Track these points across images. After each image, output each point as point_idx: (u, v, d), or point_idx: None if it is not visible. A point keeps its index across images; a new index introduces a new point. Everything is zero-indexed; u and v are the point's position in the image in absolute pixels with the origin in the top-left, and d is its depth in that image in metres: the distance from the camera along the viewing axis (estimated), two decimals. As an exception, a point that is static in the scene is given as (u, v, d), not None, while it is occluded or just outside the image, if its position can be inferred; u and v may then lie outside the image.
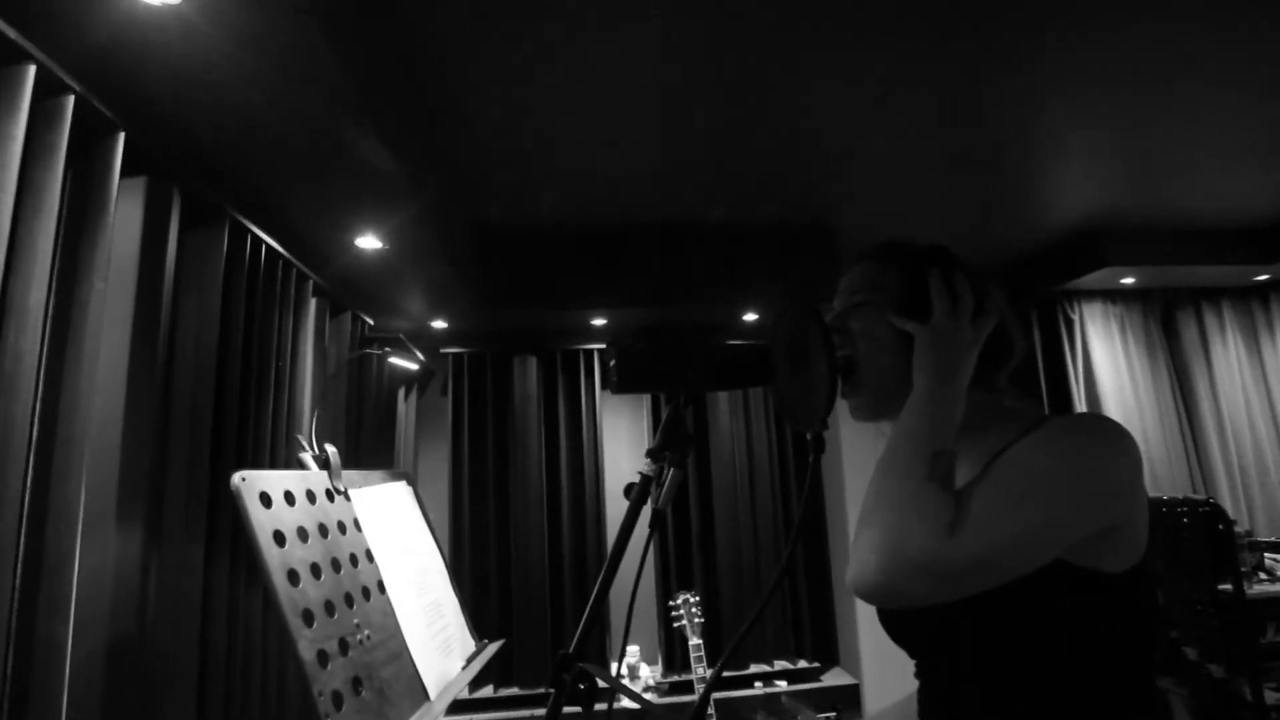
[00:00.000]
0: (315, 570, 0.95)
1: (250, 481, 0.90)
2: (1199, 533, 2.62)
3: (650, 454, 0.78)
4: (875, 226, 2.73)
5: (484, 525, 2.99)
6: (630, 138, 2.01)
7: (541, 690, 2.82)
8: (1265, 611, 2.70)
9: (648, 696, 2.76)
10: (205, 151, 1.37)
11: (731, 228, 2.70)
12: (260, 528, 0.88)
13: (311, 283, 1.99)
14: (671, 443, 0.78)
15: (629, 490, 0.77)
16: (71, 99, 1.06)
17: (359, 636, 0.98)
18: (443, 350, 3.11)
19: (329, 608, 0.94)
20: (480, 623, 2.87)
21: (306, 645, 0.85)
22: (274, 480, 0.96)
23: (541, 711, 0.63)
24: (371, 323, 2.58)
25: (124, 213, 1.25)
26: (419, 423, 3.10)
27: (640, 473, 0.78)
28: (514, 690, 2.84)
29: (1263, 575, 2.81)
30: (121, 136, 1.17)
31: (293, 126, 1.30)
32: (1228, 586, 2.54)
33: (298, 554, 0.92)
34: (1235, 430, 3.23)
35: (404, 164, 1.53)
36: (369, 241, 1.90)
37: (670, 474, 0.78)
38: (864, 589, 0.64)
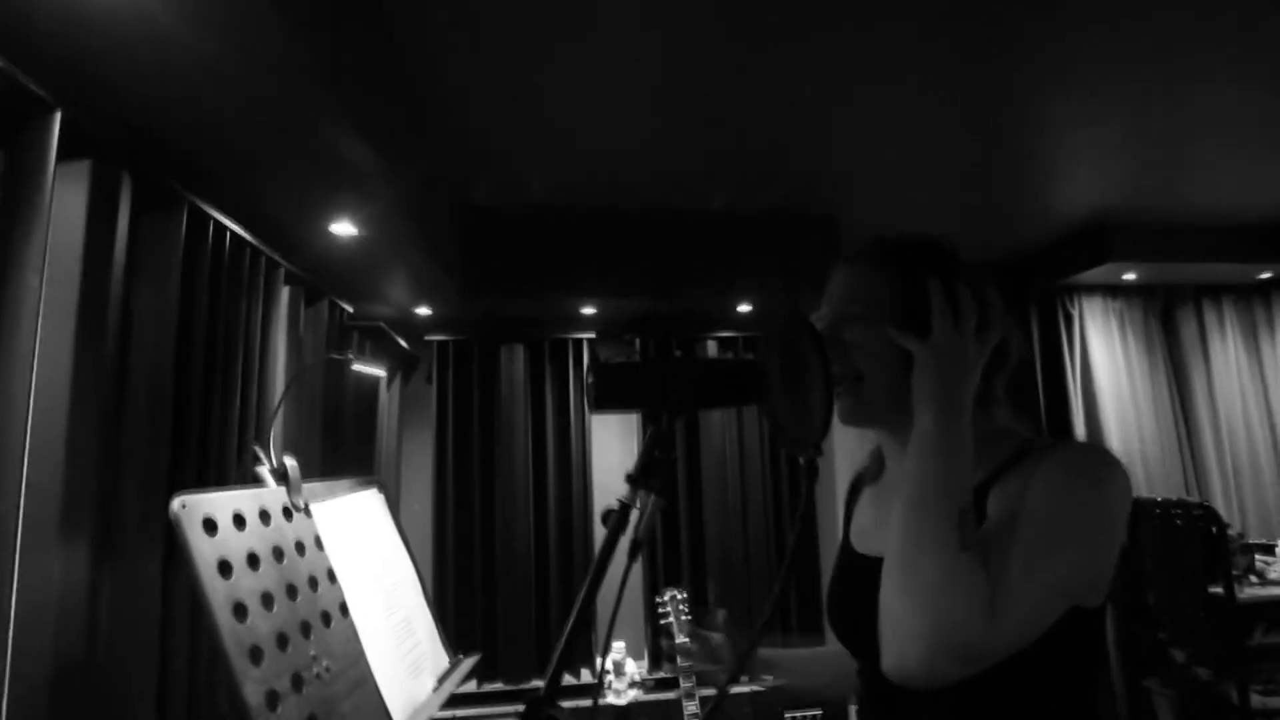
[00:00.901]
0: (267, 600, 0.88)
1: (191, 507, 0.82)
2: (1193, 536, 2.58)
3: (629, 479, 0.71)
4: (878, 216, 2.64)
5: (469, 516, 2.93)
6: (623, 116, 1.90)
7: (526, 686, 2.78)
8: (1254, 614, 2.68)
9: (632, 693, 2.73)
10: (157, 132, 1.26)
11: (729, 215, 2.60)
12: (202, 559, 0.80)
13: (283, 270, 1.89)
14: (653, 467, 0.71)
15: (606, 517, 0.71)
16: (-6, 75, 0.95)
17: (316, 670, 0.90)
18: (427, 337, 3.01)
19: (281, 641, 0.87)
20: (465, 617, 2.82)
21: (253, 687, 0.78)
22: (220, 502, 0.88)
23: (523, 707, 0.60)
24: (351, 310, 2.48)
25: (66, 200, 1.14)
26: (403, 411, 3.01)
27: (619, 500, 0.71)
28: (498, 685, 2.80)
29: (1254, 578, 2.79)
30: (58, 116, 1.06)
31: (250, 104, 1.20)
32: (1219, 590, 2.52)
33: (245, 584, 0.85)
34: (1231, 430, 3.19)
35: (379, 145, 1.43)
36: (344, 228, 1.79)
37: (651, 501, 0.71)
38: (908, 677, 0.62)
